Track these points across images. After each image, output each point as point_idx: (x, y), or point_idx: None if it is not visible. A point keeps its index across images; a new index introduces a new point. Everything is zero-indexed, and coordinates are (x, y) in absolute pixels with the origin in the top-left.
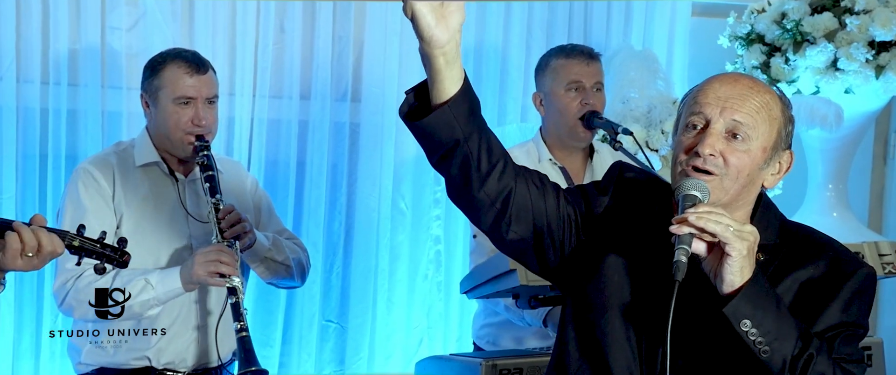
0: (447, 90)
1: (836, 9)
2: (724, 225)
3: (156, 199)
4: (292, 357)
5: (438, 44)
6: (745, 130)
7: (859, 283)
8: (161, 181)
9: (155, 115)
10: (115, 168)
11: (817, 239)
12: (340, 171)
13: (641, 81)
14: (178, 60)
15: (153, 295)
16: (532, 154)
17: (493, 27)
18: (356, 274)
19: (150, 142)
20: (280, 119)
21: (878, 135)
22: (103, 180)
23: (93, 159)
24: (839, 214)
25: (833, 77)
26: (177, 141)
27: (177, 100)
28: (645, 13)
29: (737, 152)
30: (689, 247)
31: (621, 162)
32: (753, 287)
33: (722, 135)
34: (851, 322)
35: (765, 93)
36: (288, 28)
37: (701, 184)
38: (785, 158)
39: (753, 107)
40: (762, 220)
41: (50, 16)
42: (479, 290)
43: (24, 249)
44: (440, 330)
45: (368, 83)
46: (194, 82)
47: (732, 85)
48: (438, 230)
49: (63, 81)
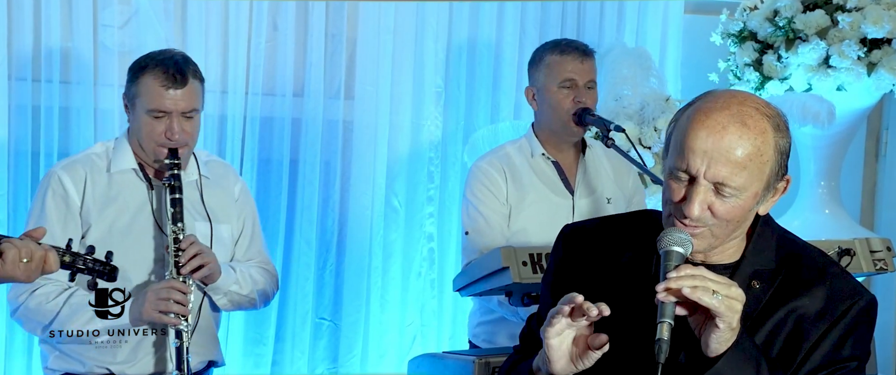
0: None
1: (828, 6)
2: (714, 296)
3: (129, 206)
4: (285, 355)
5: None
6: (732, 187)
7: (853, 318)
8: (136, 187)
9: (132, 122)
10: (87, 174)
11: (816, 264)
12: (333, 169)
13: (634, 79)
14: (158, 70)
15: (101, 325)
16: (524, 149)
17: (487, 25)
18: (349, 272)
19: (129, 148)
20: (273, 116)
21: (870, 132)
22: (72, 188)
23: (66, 164)
24: (831, 211)
25: (825, 74)
26: (149, 151)
27: (151, 112)
28: (638, 11)
29: (726, 205)
30: (671, 320)
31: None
32: (735, 352)
33: (710, 190)
34: (844, 358)
35: (755, 136)
36: (281, 25)
37: (684, 239)
38: (780, 186)
39: (740, 163)
40: (759, 242)
41: (42, 13)
42: (472, 288)
43: (20, 255)
44: (433, 328)
45: (361, 81)
46: (170, 96)
47: (719, 135)
48: (432, 227)
49: (55, 79)
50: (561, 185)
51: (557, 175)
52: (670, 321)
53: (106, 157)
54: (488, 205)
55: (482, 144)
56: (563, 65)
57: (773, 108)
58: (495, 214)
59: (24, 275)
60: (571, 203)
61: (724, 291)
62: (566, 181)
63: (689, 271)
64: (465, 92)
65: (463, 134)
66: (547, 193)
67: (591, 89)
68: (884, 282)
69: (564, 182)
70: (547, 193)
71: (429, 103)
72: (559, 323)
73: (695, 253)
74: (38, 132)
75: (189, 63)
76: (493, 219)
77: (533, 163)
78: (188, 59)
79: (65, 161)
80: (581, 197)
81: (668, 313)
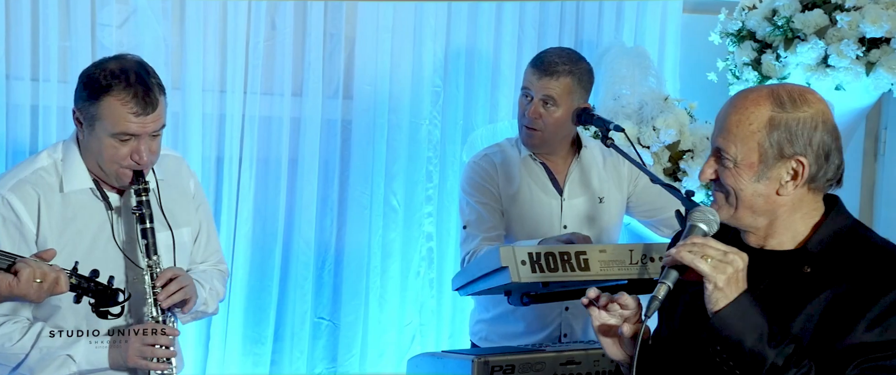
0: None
1: (827, 5)
2: (699, 257)
3: (88, 229)
4: (284, 354)
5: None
6: (724, 152)
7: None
8: (93, 207)
9: (88, 140)
10: (40, 197)
11: (869, 248)
12: (332, 168)
13: (633, 78)
14: (125, 94)
15: (74, 369)
16: (516, 147)
17: (485, 25)
18: (348, 272)
19: (82, 163)
20: (271, 116)
21: (869, 132)
22: (26, 214)
23: (14, 185)
24: None
25: (823, 73)
26: (111, 173)
27: (116, 136)
28: (636, 10)
29: (725, 171)
30: (671, 283)
31: None
32: (730, 310)
33: (713, 158)
34: (881, 342)
35: (746, 106)
36: (279, 25)
37: (710, 218)
38: (791, 165)
39: (728, 128)
40: (821, 232)
41: (40, 12)
42: (471, 287)
43: (35, 276)
44: (432, 327)
45: (360, 80)
46: (140, 121)
47: (723, 109)
48: (430, 227)
49: (53, 78)
50: (550, 185)
51: (546, 175)
52: (669, 284)
53: (56, 173)
54: (483, 200)
55: (480, 144)
56: (525, 76)
57: (795, 91)
58: (490, 208)
59: (35, 295)
60: (560, 203)
61: (719, 256)
62: (555, 181)
63: (694, 240)
64: (463, 91)
65: (461, 133)
66: (536, 191)
67: (548, 105)
68: None
69: (553, 182)
70: (536, 191)
71: (427, 103)
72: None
73: (748, 236)
74: (36, 131)
75: (151, 77)
76: (489, 212)
77: (523, 161)
78: (150, 72)
79: (10, 180)
80: (572, 197)
81: (668, 277)
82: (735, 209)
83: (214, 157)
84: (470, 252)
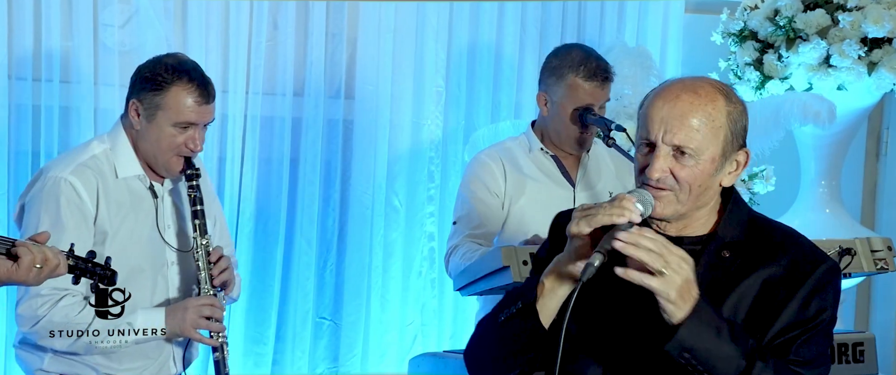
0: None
1: (829, 5)
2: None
3: (136, 216)
4: (286, 354)
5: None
6: (689, 150)
7: (817, 280)
8: (142, 194)
9: (146, 130)
10: (98, 182)
11: (782, 236)
12: (334, 168)
13: (635, 78)
14: (189, 84)
15: (131, 339)
16: (523, 145)
17: (487, 24)
18: (350, 271)
19: (133, 152)
20: (273, 116)
21: (871, 132)
22: (87, 197)
23: (75, 169)
24: (832, 210)
25: (826, 74)
26: (164, 161)
27: (178, 125)
28: (638, 10)
29: (685, 168)
30: (605, 255)
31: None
32: (693, 320)
33: (669, 155)
34: (810, 317)
35: (705, 104)
36: (281, 25)
37: (646, 198)
38: (740, 157)
39: (694, 125)
40: (730, 218)
41: (42, 12)
42: (473, 287)
43: (35, 260)
44: (434, 327)
45: (362, 80)
46: (202, 110)
47: (672, 104)
48: (432, 227)
49: (55, 78)
50: (561, 177)
51: (557, 168)
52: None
53: (107, 161)
54: (480, 197)
55: (482, 144)
56: (585, 91)
57: (725, 85)
58: (485, 207)
59: (34, 280)
60: (573, 194)
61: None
62: (566, 174)
63: (648, 234)
64: (465, 91)
65: (463, 133)
66: (547, 183)
67: (601, 108)
68: (884, 282)
69: (565, 174)
70: (547, 183)
71: (429, 103)
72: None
73: (667, 226)
74: (39, 131)
75: (203, 71)
76: (480, 210)
77: (532, 157)
78: (202, 69)
79: (69, 164)
80: (584, 189)
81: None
82: (684, 205)
83: (216, 157)
84: (453, 247)
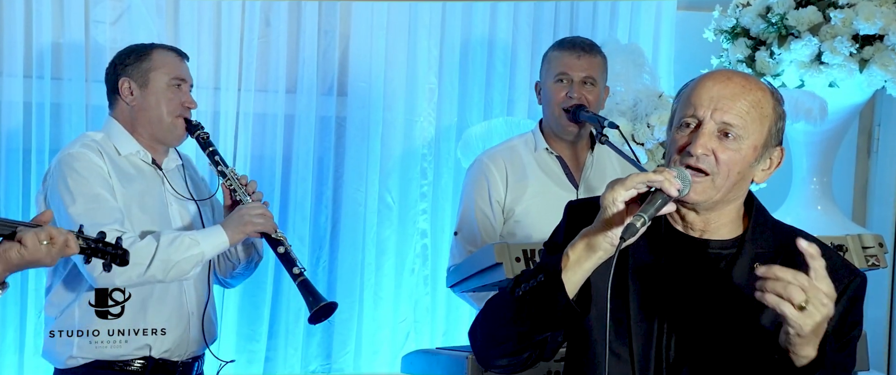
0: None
1: (821, 3)
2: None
3: (144, 184)
4: (279, 352)
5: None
6: (736, 130)
7: (849, 298)
8: (145, 168)
9: (142, 101)
10: (104, 156)
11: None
12: (327, 165)
13: (627, 75)
14: (164, 48)
15: (199, 250)
16: (530, 143)
17: (480, 22)
18: (343, 269)
19: (129, 134)
20: (266, 113)
21: (862, 129)
22: (103, 166)
23: (84, 145)
24: (823, 207)
25: (817, 71)
26: (167, 125)
27: (172, 82)
28: (631, 7)
29: (728, 151)
30: (649, 219)
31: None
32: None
33: (714, 135)
34: (845, 332)
35: (756, 90)
36: (273, 22)
37: (685, 176)
38: (776, 154)
39: (744, 108)
40: (758, 226)
41: (33, 9)
42: (465, 284)
43: (39, 238)
44: (427, 324)
45: (354, 77)
46: (185, 67)
47: (724, 84)
48: (425, 224)
49: (46, 75)
50: (565, 179)
51: (561, 169)
52: (647, 219)
53: (108, 143)
54: (480, 207)
55: (475, 141)
56: (559, 60)
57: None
58: (485, 218)
59: (47, 258)
60: (575, 196)
61: (818, 301)
62: (570, 176)
63: (778, 273)
64: (458, 89)
65: (456, 131)
66: (550, 185)
67: (590, 86)
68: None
69: (569, 176)
70: (550, 185)
71: (422, 100)
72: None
73: (691, 225)
74: (30, 128)
75: None
76: (483, 225)
77: (537, 156)
78: None
79: (72, 146)
80: (585, 192)
81: (649, 212)
82: (719, 191)
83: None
84: (455, 266)
